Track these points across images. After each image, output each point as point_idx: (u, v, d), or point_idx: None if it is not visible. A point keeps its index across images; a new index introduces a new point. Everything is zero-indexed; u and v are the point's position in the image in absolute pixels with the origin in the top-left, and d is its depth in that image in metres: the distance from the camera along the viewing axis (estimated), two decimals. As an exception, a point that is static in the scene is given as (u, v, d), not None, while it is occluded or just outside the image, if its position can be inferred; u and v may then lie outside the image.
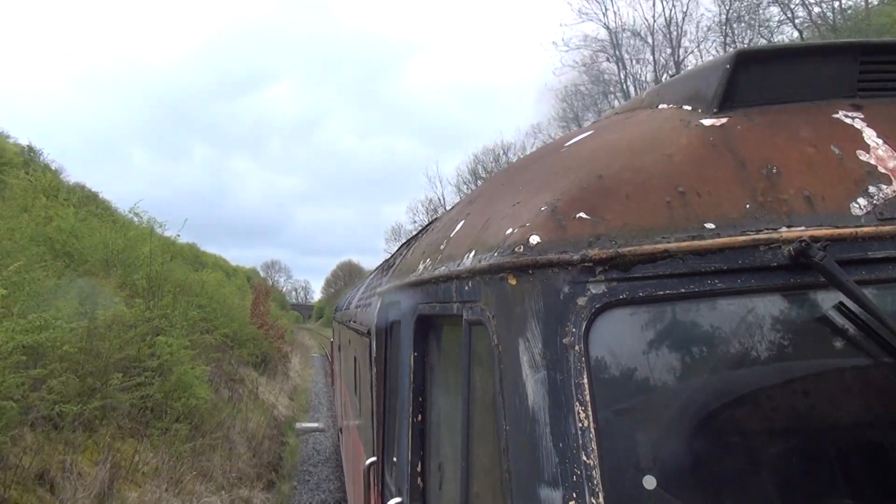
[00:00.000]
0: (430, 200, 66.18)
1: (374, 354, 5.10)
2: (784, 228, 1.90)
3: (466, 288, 2.27)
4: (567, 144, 2.66)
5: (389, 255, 8.62)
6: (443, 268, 2.60)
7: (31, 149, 28.12)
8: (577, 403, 1.77)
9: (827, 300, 1.87)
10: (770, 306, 1.88)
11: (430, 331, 3.04)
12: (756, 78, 2.27)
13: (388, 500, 3.32)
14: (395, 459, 3.57)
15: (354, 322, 9.24)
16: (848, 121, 2.19)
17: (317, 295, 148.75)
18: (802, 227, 1.91)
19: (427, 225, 5.18)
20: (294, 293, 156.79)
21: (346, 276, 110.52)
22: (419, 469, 3.07)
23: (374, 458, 4.76)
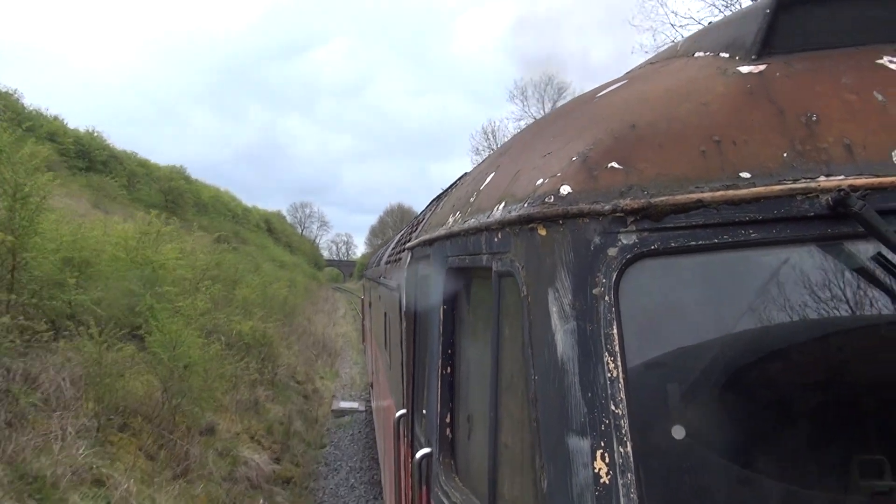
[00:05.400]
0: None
1: (403, 308, 5.14)
2: (822, 178, 1.85)
3: (496, 239, 2.26)
4: (600, 95, 2.61)
5: (420, 212, 8.63)
6: (472, 220, 2.59)
7: None
8: (607, 353, 1.77)
9: (866, 251, 1.83)
10: (806, 257, 1.84)
11: (461, 283, 3.04)
12: (797, 23, 2.19)
13: (418, 451, 3.37)
14: (424, 412, 3.62)
15: (385, 278, 9.30)
16: (893, 66, 2.11)
17: (360, 250, 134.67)
18: (842, 176, 1.85)
19: (457, 180, 5.16)
20: (335, 247, 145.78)
21: (398, 222, 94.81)
22: (448, 420, 3.10)
23: (403, 411, 4.82)
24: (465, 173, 4.82)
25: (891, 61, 2.13)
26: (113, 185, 33.57)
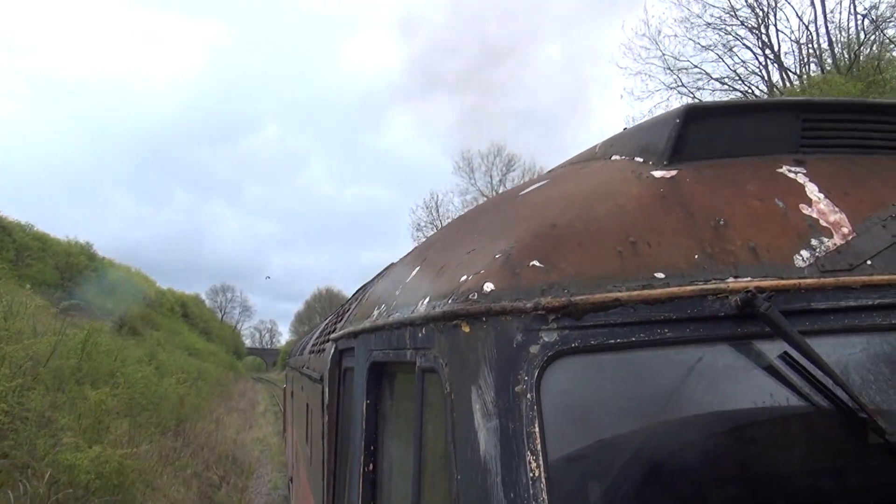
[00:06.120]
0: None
1: (326, 401, 5.01)
2: (731, 279, 1.95)
3: (420, 335, 2.25)
4: (522, 193, 2.70)
5: (345, 301, 8.54)
6: (397, 314, 2.58)
7: None
8: (529, 453, 1.76)
9: (773, 350, 1.91)
10: (719, 356, 1.91)
11: (384, 378, 3.00)
12: (704, 132, 2.34)
13: None
14: None
15: (308, 368, 9.09)
16: (791, 175, 2.27)
17: (285, 338, 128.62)
18: (749, 278, 1.95)
19: (383, 270, 5.16)
20: (258, 335, 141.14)
21: (326, 307, 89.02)
22: None
23: None
24: (392, 263, 4.83)
25: (789, 170, 2.30)
26: (-9, 258, 28.36)
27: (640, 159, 2.45)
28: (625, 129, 2.84)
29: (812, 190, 2.22)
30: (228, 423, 30.68)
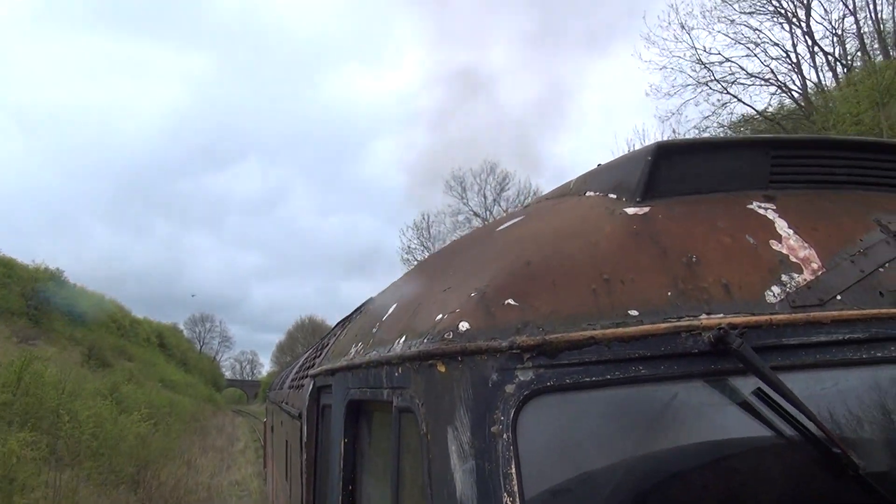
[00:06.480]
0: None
1: (304, 439, 4.95)
2: (704, 315, 1.96)
3: (396, 374, 2.24)
4: (498, 230, 2.71)
5: (325, 334, 8.47)
6: (374, 352, 2.57)
7: None
8: (506, 494, 1.74)
9: (747, 386, 1.92)
10: (693, 392, 1.92)
11: (361, 416, 2.98)
12: (675, 169, 2.38)
13: None
14: None
15: (287, 403, 8.99)
16: (761, 211, 2.31)
17: (266, 369, 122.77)
18: (721, 315, 1.97)
19: (361, 305, 5.14)
20: (238, 366, 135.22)
21: (309, 337, 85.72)
22: None
23: None
24: (370, 298, 4.82)
25: (759, 206, 2.33)
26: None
27: (613, 196, 2.47)
28: (598, 165, 2.88)
29: (782, 226, 2.25)
30: (202, 466, 27.21)
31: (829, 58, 27.70)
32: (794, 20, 27.96)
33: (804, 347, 1.97)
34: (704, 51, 28.69)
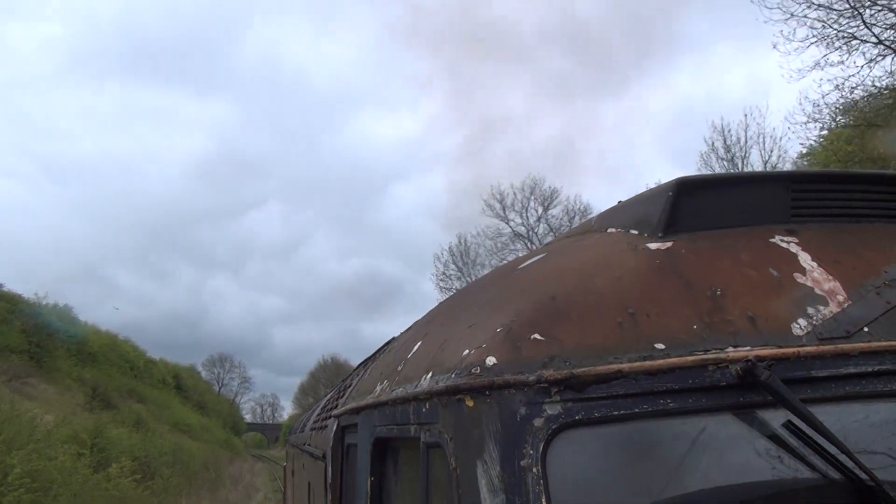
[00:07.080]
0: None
1: (329, 479, 4.93)
2: (730, 348, 1.97)
3: (424, 410, 2.26)
4: (521, 267, 2.74)
5: (346, 375, 8.48)
6: (400, 389, 2.59)
7: None
8: None
9: (776, 418, 1.92)
10: (722, 426, 1.92)
11: (388, 454, 2.98)
12: (696, 204, 2.41)
13: None
14: None
15: (309, 445, 8.96)
16: (784, 245, 2.33)
17: (288, 412, 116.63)
18: (748, 347, 1.97)
19: (384, 345, 5.17)
20: (259, 409, 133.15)
21: (331, 377, 79.74)
22: None
23: None
24: (393, 338, 4.85)
25: (781, 240, 2.35)
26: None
27: (635, 231, 2.51)
28: (619, 202, 2.91)
29: (805, 259, 2.26)
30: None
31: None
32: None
33: (833, 380, 1.97)
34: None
